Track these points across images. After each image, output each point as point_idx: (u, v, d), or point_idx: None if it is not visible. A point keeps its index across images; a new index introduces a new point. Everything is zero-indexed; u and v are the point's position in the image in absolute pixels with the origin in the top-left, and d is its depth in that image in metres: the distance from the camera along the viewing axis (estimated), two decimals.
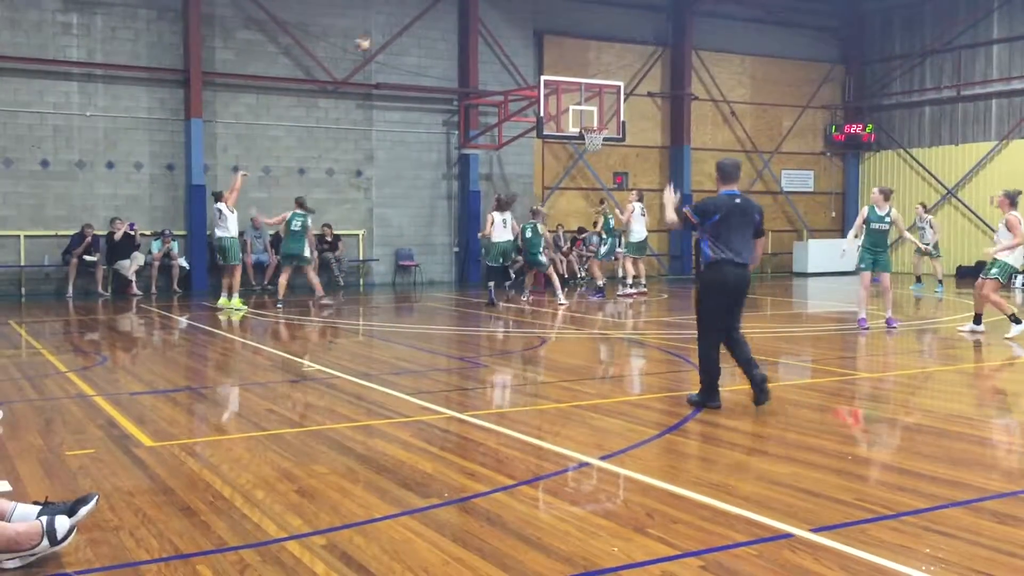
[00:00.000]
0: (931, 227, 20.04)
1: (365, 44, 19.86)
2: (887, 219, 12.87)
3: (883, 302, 13.30)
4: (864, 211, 12.98)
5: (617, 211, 18.95)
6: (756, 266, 7.89)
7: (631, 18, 25.10)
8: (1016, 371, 9.63)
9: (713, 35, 26.14)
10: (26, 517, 4.24)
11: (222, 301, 16.02)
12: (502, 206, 16.75)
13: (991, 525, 4.64)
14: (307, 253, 16.23)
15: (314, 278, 16.54)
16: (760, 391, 7.39)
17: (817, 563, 4.12)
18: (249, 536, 4.50)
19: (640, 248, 18.62)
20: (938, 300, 18.57)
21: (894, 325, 12.90)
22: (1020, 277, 22.24)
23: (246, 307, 15.93)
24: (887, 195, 12.98)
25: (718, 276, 7.40)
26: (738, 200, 7.44)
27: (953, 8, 25.86)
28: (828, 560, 4.15)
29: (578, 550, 4.29)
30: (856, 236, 13.40)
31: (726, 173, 7.57)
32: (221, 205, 15.92)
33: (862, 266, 13.00)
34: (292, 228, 15.98)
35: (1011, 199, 12.25)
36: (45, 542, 4.11)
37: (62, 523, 4.16)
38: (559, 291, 17.04)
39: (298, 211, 16.15)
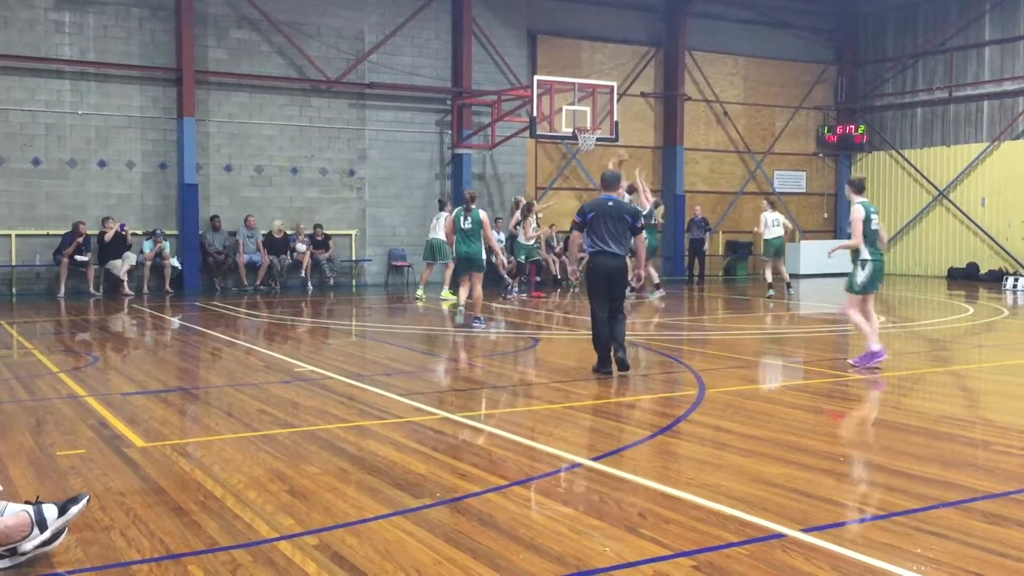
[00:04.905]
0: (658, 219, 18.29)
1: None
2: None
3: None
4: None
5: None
6: (646, 260, 9.64)
7: (624, 18, 25.12)
8: (1006, 372, 9.65)
9: (706, 36, 26.16)
10: None
11: None
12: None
13: (982, 526, 4.66)
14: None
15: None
16: (618, 363, 9.00)
17: (809, 563, 4.12)
18: (241, 536, 4.50)
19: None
20: (655, 303, 17.40)
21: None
22: (1011, 279, 22.34)
23: None
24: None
25: (593, 263, 9.01)
26: (610, 203, 8.98)
27: (945, 10, 25.94)
28: (820, 560, 4.16)
29: (570, 550, 4.29)
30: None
31: (606, 182, 9.21)
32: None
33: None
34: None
35: None
36: (36, 530, 4.11)
37: (50, 511, 4.17)
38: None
39: None
